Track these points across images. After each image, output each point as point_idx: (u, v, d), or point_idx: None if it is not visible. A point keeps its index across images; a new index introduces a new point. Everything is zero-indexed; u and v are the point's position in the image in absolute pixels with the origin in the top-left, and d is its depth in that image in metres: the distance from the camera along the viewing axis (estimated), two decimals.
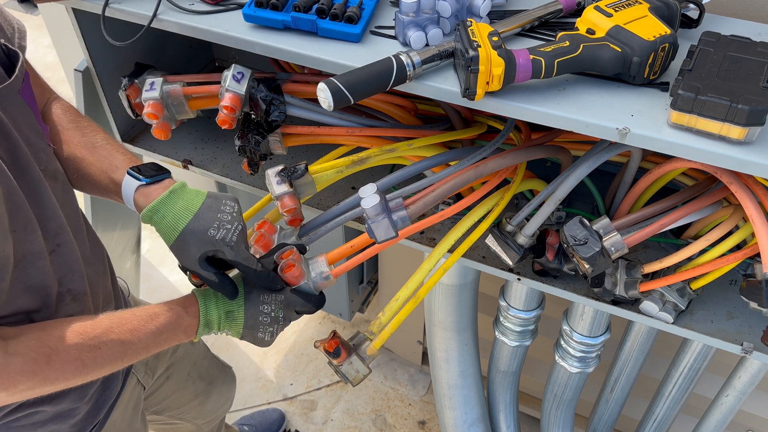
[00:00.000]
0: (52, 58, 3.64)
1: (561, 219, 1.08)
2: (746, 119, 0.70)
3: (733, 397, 1.26)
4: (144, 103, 1.02)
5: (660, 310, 0.99)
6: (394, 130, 1.08)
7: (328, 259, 0.96)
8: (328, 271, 0.94)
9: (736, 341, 0.98)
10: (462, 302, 1.39)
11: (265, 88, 1.00)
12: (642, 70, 0.79)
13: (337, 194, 1.22)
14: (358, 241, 0.98)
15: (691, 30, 0.92)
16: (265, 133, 1.02)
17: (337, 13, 0.91)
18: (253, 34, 0.94)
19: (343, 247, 0.97)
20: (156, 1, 0.99)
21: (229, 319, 0.92)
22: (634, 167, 1.01)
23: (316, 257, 0.96)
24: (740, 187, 0.84)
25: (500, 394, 1.61)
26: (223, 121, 0.97)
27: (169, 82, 1.05)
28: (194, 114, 1.07)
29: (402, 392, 2.35)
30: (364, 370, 0.98)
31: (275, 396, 2.35)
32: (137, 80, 1.08)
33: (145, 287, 2.63)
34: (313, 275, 0.94)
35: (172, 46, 1.39)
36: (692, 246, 0.94)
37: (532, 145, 1.04)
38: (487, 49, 0.76)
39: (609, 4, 0.83)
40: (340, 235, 1.76)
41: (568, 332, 1.29)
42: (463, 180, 0.96)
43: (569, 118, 0.78)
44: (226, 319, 0.92)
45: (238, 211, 0.92)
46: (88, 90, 1.35)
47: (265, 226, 1.00)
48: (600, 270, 0.91)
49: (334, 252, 0.97)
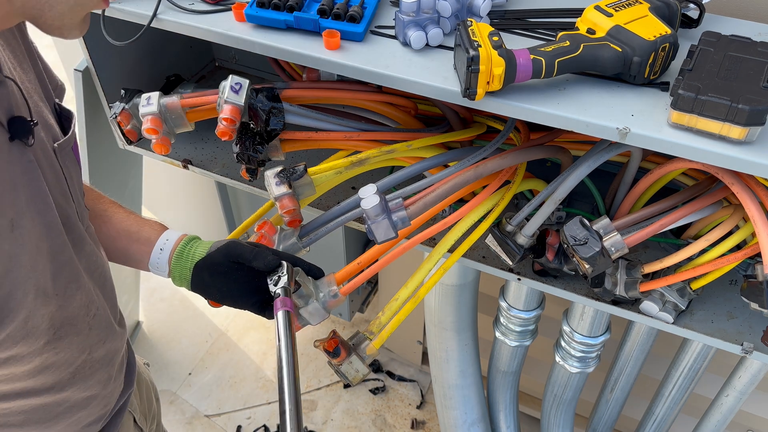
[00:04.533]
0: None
1: (561, 219, 1.08)
2: (746, 119, 0.70)
3: (733, 397, 1.26)
4: (142, 119, 1.01)
5: (660, 310, 0.99)
6: (393, 134, 1.08)
7: (337, 278, 0.96)
8: (336, 289, 0.95)
9: (736, 341, 0.98)
10: (462, 302, 1.39)
11: (264, 98, 0.99)
12: (642, 69, 0.79)
13: (337, 195, 1.22)
14: (365, 258, 0.98)
15: (692, 30, 0.92)
16: (265, 142, 1.02)
17: (340, 12, 0.91)
18: (254, 34, 0.94)
19: (350, 265, 0.98)
20: (156, 1, 0.99)
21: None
22: (635, 167, 1.01)
23: (324, 277, 0.97)
24: (741, 188, 0.84)
25: (500, 394, 1.61)
26: (222, 132, 0.96)
27: (166, 95, 1.05)
28: (193, 126, 1.06)
29: (402, 392, 2.35)
30: (364, 370, 0.98)
31: (275, 396, 2.35)
32: (127, 105, 1.07)
33: (146, 287, 2.63)
34: (322, 295, 0.95)
35: (172, 46, 1.39)
36: (692, 246, 0.94)
37: (532, 145, 1.04)
38: (487, 49, 0.76)
39: (609, 4, 0.83)
40: (340, 236, 1.76)
41: (568, 332, 1.29)
42: (463, 180, 0.96)
43: (569, 118, 0.78)
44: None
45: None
46: (88, 90, 1.35)
47: (266, 227, 1.01)
48: (600, 270, 0.91)
49: (342, 271, 0.97)
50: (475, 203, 1.00)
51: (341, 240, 1.77)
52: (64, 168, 0.82)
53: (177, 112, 1.03)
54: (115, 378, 0.98)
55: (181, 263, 0.95)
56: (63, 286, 0.81)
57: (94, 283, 0.89)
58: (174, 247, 0.96)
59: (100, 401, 0.96)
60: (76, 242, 0.83)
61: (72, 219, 0.83)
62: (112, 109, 1.09)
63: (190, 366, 2.45)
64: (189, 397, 2.36)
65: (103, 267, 0.92)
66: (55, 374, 0.86)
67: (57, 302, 0.80)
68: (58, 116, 0.86)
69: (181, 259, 0.95)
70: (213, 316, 2.59)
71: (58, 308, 0.81)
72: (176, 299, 2.64)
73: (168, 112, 1.02)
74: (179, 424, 2.27)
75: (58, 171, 0.81)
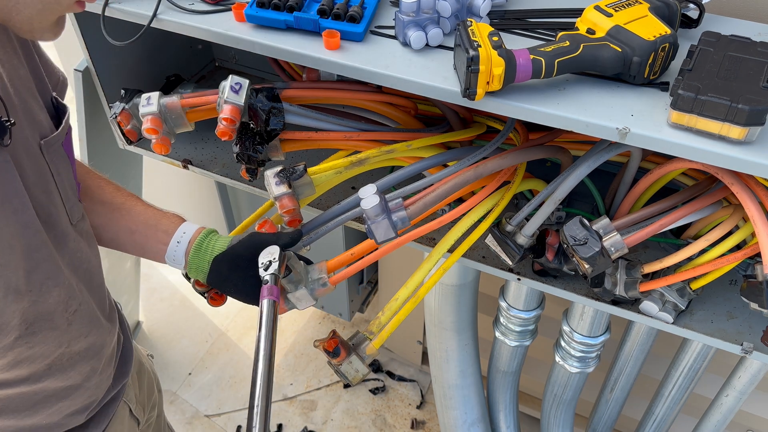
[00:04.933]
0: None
1: (561, 219, 1.08)
2: (746, 119, 0.70)
3: (733, 397, 1.26)
4: (142, 119, 1.01)
5: (660, 310, 0.99)
6: (393, 134, 1.08)
7: (329, 266, 0.96)
8: (325, 277, 0.95)
9: (736, 341, 0.98)
10: (462, 302, 1.39)
11: (264, 98, 0.99)
12: (642, 69, 0.79)
13: (336, 194, 1.22)
14: (359, 249, 0.98)
15: (691, 30, 0.92)
16: (265, 142, 1.02)
17: (340, 12, 0.91)
18: (254, 34, 0.94)
19: (343, 255, 0.97)
20: (156, 1, 0.99)
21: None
22: (634, 167, 1.01)
23: (315, 265, 0.97)
24: (741, 188, 0.84)
25: (500, 394, 1.61)
26: (222, 132, 0.96)
27: (166, 95, 1.05)
28: (193, 126, 1.06)
29: (402, 392, 2.35)
30: (364, 370, 0.98)
31: (275, 396, 2.35)
32: (127, 105, 1.07)
33: (146, 287, 2.63)
34: (312, 281, 0.94)
35: (172, 46, 1.39)
36: (692, 246, 0.94)
37: (531, 145, 1.04)
38: (487, 49, 0.76)
39: (609, 4, 0.83)
40: (340, 236, 1.76)
41: (568, 332, 1.29)
42: (463, 180, 0.96)
43: (569, 118, 0.78)
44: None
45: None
46: (88, 90, 1.35)
47: (266, 226, 1.01)
48: (600, 270, 0.91)
49: (335, 260, 0.97)
50: (475, 203, 1.00)
51: (341, 240, 1.77)
52: (51, 165, 0.81)
53: (177, 112, 1.03)
54: (102, 371, 0.98)
55: (199, 255, 0.95)
56: (39, 282, 0.81)
57: (78, 279, 0.88)
58: (192, 239, 0.96)
59: (84, 392, 0.96)
60: (58, 239, 0.83)
61: (54, 216, 0.82)
62: (112, 109, 1.09)
63: (190, 366, 2.45)
64: (189, 397, 2.36)
65: (90, 262, 0.92)
66: (30, 367, 0.86)
67: (31, 298, 0.81)
68: (55, 110, 0.85)
69: (200, 252, 0.95)
70: (213, 316, 2.59)
71: (32, 304, 0.81)
72: (176, 299, 2.64)
73: (168, 112, 1.02)
74: (179, 424, 2.27)
75: (43, 168, 0.80)
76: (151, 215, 1.00)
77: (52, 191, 0.82)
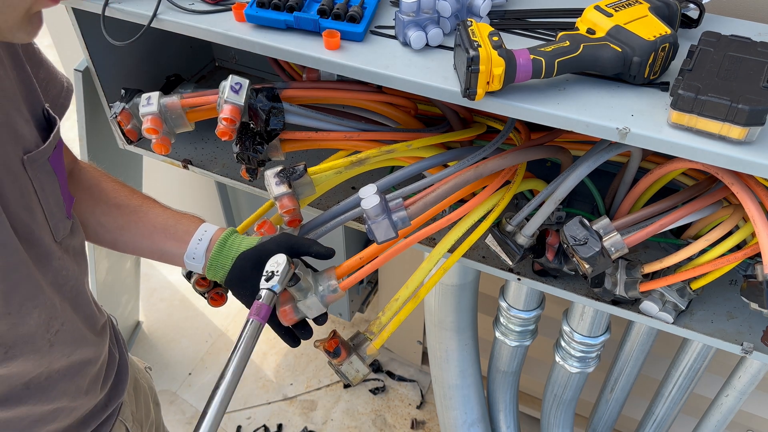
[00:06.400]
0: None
1: (561, 219, 1.08)
2: (746, 119, 0.70)
3: (733, 397, 1.26)
4: (142, 119, 1.01)
5: (660, 310, 0.99)
6: (393, 134, 1.08)
7: (337, 273, 0.95)
8: (335, 284, 0.93)
9: (736, 341, 0.98)
10: (462, 302, 1.39)
11: (264, 98, 0.99)
12: (642, 70, 0.79)
13: (337, 194, 1.22)
14: (367, 253, 0.97)
15: (691, 30, 0.92)
16: (265, 142, 1.02)
17: (340, 12, 0.91)
18: (254, 34, 0.94)
19: (352, 260, 0.96)
20: (156, 1, 0.99)
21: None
22: (634, 167, 1.01)
23: (324, 271, 0.95)
24: (741, 188, 0.84)
25: (500, 394, 1.61)
26: (222, 132, 0.96)
27: (166, 95, 1.05)
28: (193, 126, 1.06)
29: (402, 392, 2.35)
30: (364, 370, 0.98)
31: (275, 396, 2.35)
32: (127, 105, 1.06)
33: (146, 287, 2.63)
34: (321, 288, 0.93)
35: (172, 46, 1.39)
36: (692, 246, 0.94)
37: (532, 145, 1.04)
38: (487, 49, 0.76)
39: (609, 4, 0.83)
40: (340, 236, 1.76)
41: (568, 332, 1.29)
42: (463, 180, 0.96)
43: (569, 118, 0.78)
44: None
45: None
46: (88, 90, 1.35)
47: (266, 227, 1.01)
48: (600, 270, 0.91)
49: (343, 265, 0.96)
50: (475, 203, 1.00)
51: (341, 239, 1.77)
52: (35, 180, 0.77)
53: (177, 112, 1.03)
54: (88, 389, 0.94)
55: (223, 252, 0.92)
56: (18, 304, 0.77)
57: (62, 297, 0.84)
58: (214, 237, 0.94)
59: (70, 412, 0.92)
60: (40, 258, 0.79)
61: (36, 234, 0.78)
62: (112, 109, 1.09)
63: (190, 366, 2.45)
64: (189, 397, 2.36)
65: (77, 280, 0.88)
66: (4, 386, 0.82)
67: (9, 321, 0.77)
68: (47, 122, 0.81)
69: (224, 248, 0.93)
70: (213, 316, 2.59)
71: (11, 327, 0.77)
72: (176, 299, 2.64)
73: (168, 112, 1.02)
74: (179, 424, 2.27)
75: (25, 185, 0.76)
76: (170, 216, 0.98)
77: (35, 208, 0.78)
